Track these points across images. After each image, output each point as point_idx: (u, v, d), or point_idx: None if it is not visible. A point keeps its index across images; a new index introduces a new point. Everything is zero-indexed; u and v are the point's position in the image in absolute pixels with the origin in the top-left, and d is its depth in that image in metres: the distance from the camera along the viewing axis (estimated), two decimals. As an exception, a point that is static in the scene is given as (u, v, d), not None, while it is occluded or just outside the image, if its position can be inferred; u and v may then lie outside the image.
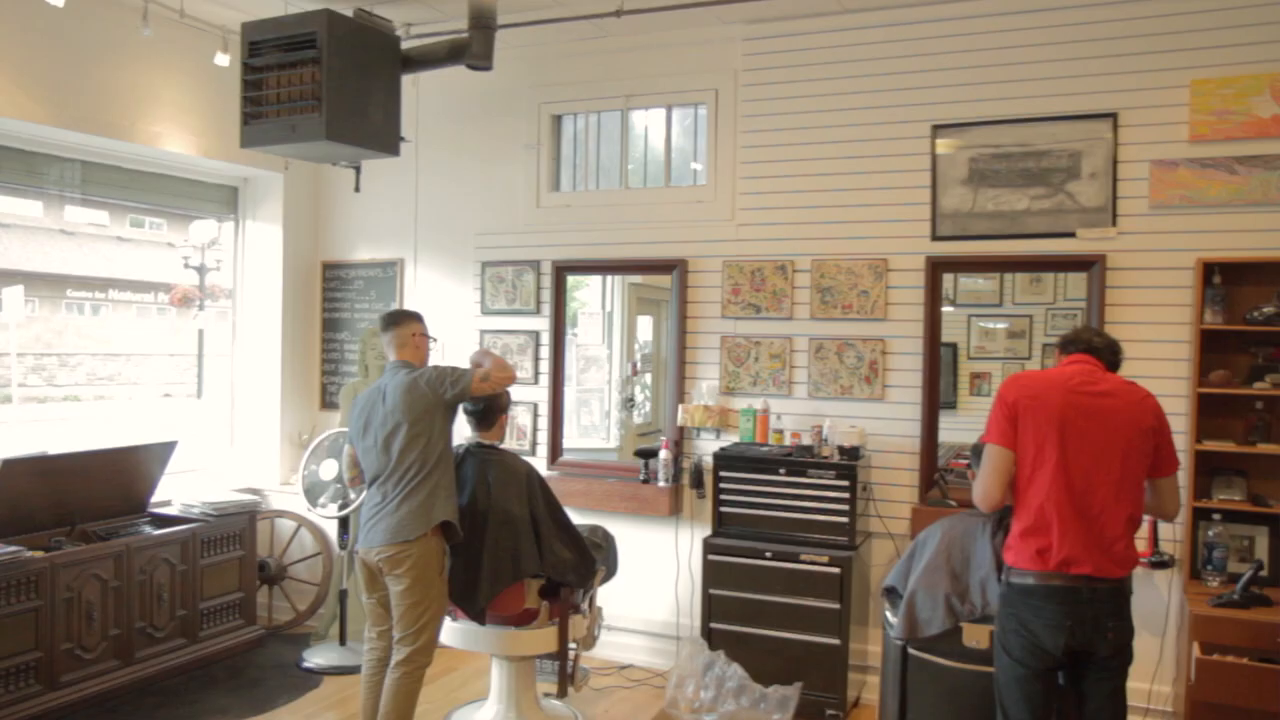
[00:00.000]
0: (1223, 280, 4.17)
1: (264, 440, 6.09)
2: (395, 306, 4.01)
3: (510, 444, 5.44)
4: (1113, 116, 4.41)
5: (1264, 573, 4.11)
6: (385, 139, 4.61)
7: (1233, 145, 4.24)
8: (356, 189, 5.31)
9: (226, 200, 6.05)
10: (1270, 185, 4.19)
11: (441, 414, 3.88)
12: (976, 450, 3.55)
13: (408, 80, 4.89)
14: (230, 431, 6.17)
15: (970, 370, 4.85)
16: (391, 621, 3.91)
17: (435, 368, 3.94)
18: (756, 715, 2.75)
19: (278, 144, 4.42)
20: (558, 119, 5.64)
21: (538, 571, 4.05)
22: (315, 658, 5.24)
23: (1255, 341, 4.19)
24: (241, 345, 6.16)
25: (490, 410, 4.24)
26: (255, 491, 5.91)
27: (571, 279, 5.63)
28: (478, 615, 4.04)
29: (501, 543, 4.00)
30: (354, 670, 5.00)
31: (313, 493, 5.26)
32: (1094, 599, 2.96)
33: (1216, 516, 4.20)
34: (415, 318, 4.12)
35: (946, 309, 4.78)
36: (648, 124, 5.51)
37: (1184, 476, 4.15)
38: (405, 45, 4.74)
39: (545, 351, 5.56)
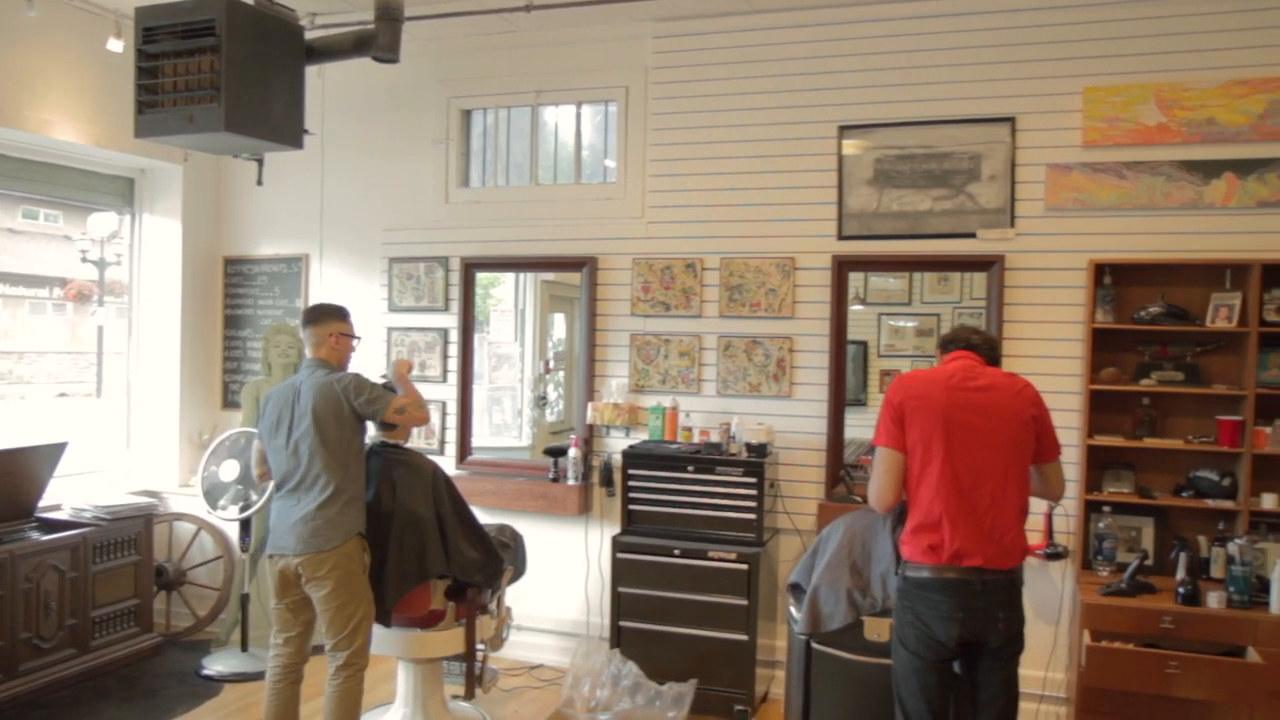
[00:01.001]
0: (1113, 281, 4.32)
1: (162, 441, 5.90)
2: (321, 302, 3.87)
3: (418, 443, 5.37)
4: (1011, 121, 4.53)
5: (1149, 562, 4.26)
6: (288, 131, 4.49)
7: (1122, 151, 4.39)
8: (259, 182, 5.14)
9: (122, 192, 5.84)
10: (1156, 190, 4.35)
11: (353, 423, 3.80)
12: None
13: (312, 72, 4.75)
14: (127, 432, 5.96)
15: (880, 368, 4.93)
16: (300, 628, 3.82)
17: (355, 377, 3.82)
18: (652, 713, 2.76)
19: (174, 134, 4.26)
20: (467, 114, 5.57)
21: (444, 572, 4.00)
22: (216, 665, 5.09)
23: (1142, 340, 4.34)
24: (139, 343, 5.95)
25: (396, 410, 4.17)
26: (153, 494, 5.73)
27: (485, 276, 5.57)
28: (383, 617, 3.97)
29: (407, 543, 3.94)
30: (256, 677, 4.88)
31: (213, 495, 5.12)
32: (985, 590, 3.03)
33: (1106, 509, 4.34)
34: (338, 316, 3.97)
35: (856, 307, 4.85)
36: (558, 120, 5.48)
37: (1076, 470, 4.30)
38: (309, 35, 4.61)
39: (454, 349, 5.49)
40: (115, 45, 4.84)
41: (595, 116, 5.39)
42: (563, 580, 5.25)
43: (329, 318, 3.94)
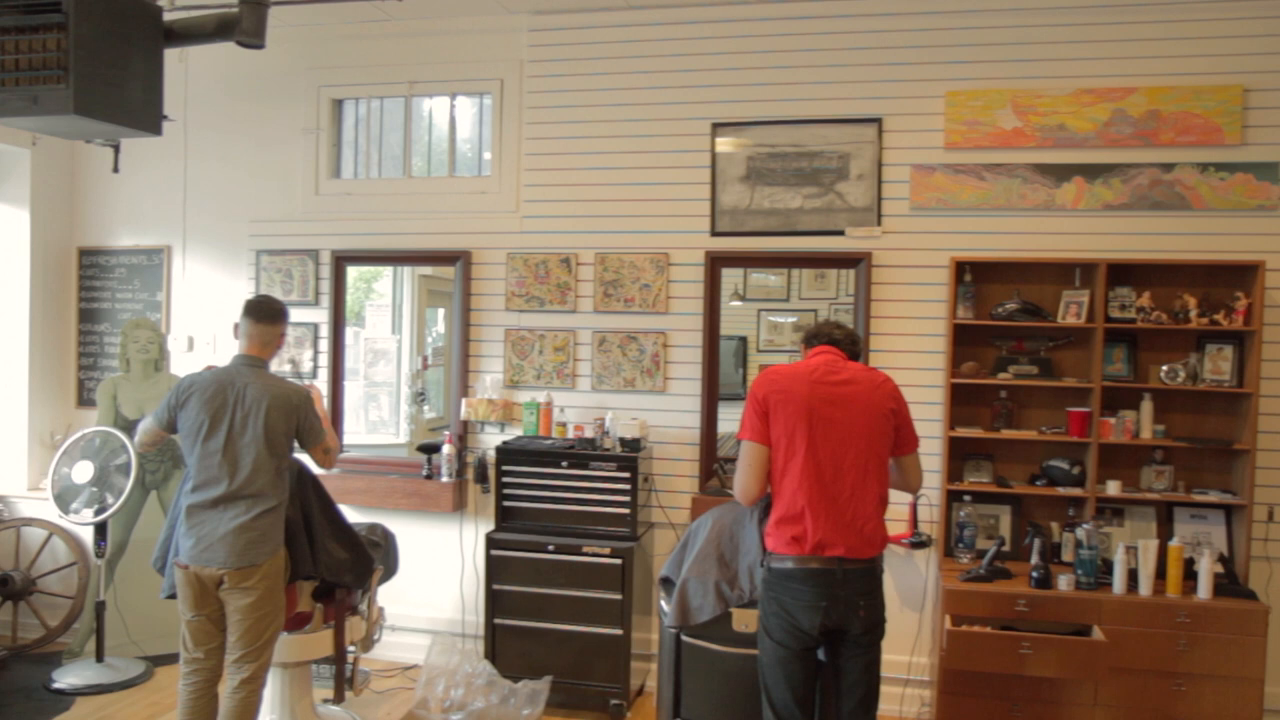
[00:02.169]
0: (973, 278, 4.48)
1: (10, 441, 5.59)
2: (265, 296, 3.74)
3: (286, 441, 5.22)
4: (878, 122, 4.66)
5: (1006, 548, 4.45)
6: (145, 117, 4.28)
7: (981, 153, 4.57)
8: (115, 169, 4.90)
9: (-36, 178, 5.51)
10: (1013, 191, 4.54)
11: (291, 443, 3.68)
12: None
13: (173, 55, 4.59)
14: (-30, 432, 5.64)
15: (760, 363, 5.00)
16: (221, 638, 3.62)
17: (309, 396, 3.72)
18: (507, 711, 2.74)
19: (18, 116, 4.02)
20: (338, 103, 5.44)
21: (311, 573, 3.90)
22: (68, 677, 4.84)
23: (1000, 335, 4.52)
24: (-17, 337, 5.63)
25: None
26: (-2, 497, 5.43)
27: (368, 270, 5.45)
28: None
29: (273, 545, 3.82)
30: (113, 688, 4.70)
31: (65, 498, 4.87)
32: (847, 579, 3.11)
33: (967, 498, 4.51)
34: (287, 316, 3.83)
35: (735, 304, 4.92)
36: (433, 111, 5.39)
37: (938, 461, 4.45)
38: (169, 17, 4.42)
39: (324, 344, 5.35)
40: (-46, 21, 4.54)
41: (472, 108, 5.33)
42: (437, 579, 5.18)
43: (283, 318, 3.79)
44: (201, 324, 5.56)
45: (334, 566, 3.96)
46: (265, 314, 3.73)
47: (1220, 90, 4.39)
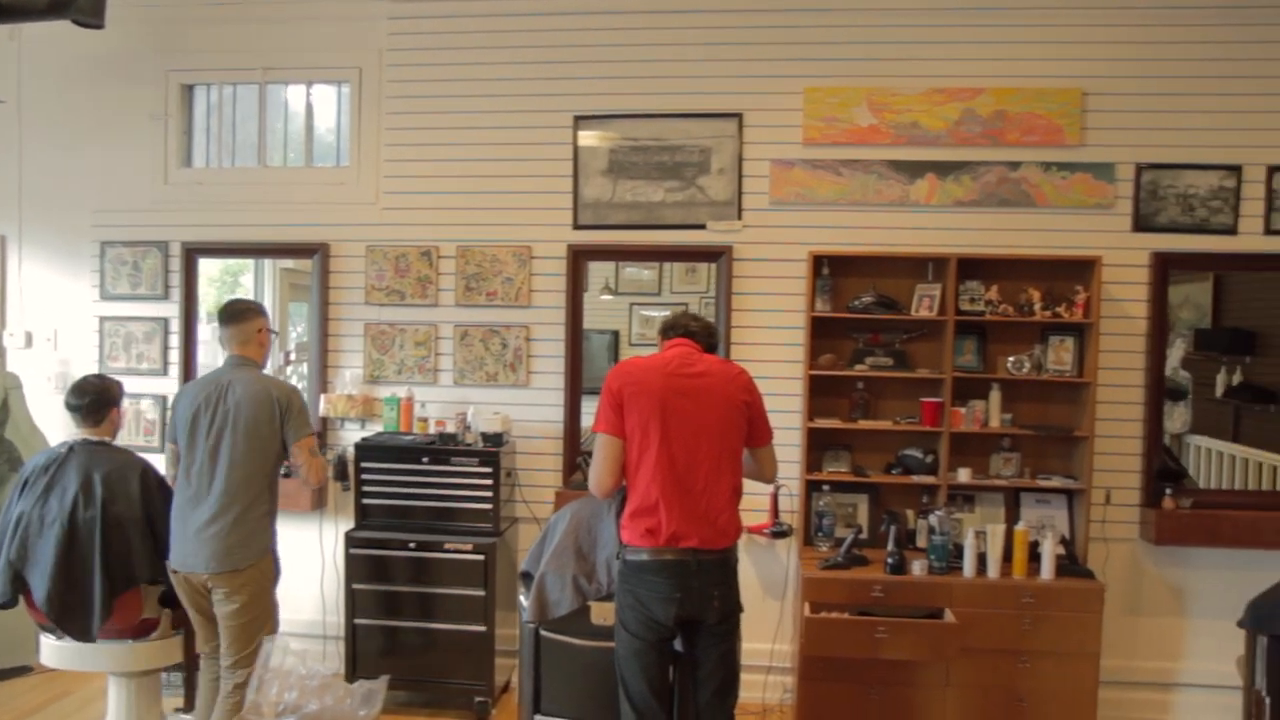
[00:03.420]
0: (831, 271, 4.57)
1: None
2: (235, 298, 3.98)
3: (134, 440, 5.01)
4: (739, 117, 4.71)
5: (864, 536, 4.55)
6: (-32, 98, 4.07)
7: (838, 149, 4.66)
8: (-61, 154, 4.65)
9: None
10: (868, 187, 4.65)
11: (278, 433, 3.65)
12: None
13: (3, 33, 4.35)
14: None
15: (632, 356, 5.00)
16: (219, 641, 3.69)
17: (294, 391, 3.74)
18: (342, 712, 2.69)
19: None
20: (189, 89, 5.22)
21: (155, 576, 3.74)
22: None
23: (857, 328, 4.63)
24: None
25: (101, 403, 3.86)
26: None
27: (229, 264, 5.28)
28: (85, 631, 3.67)
29: (112, 547, 3.66)
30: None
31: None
32: (701, 570, 3.13)
33: (826, 488, 4.60)
34: (259, 312, 3.82)
35: (606, 297, 4.93)
36: (289, 99, 5.22)
37: (798, 452, 4.53)
38: (-5, -8, 4.20)
39: (175, 340, 5.14)
40: None
41: (332, 97, 5.18)
42: (296, 579, 5.00)
43: (253, 314, 3.79)
44: (41, 319, 5.27)
45: (183, 569, 3.81)
46: (229, 317, 3.77)
47: (1061, 93, 4.58)
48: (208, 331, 5.38)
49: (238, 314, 3.78)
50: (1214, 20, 4.53)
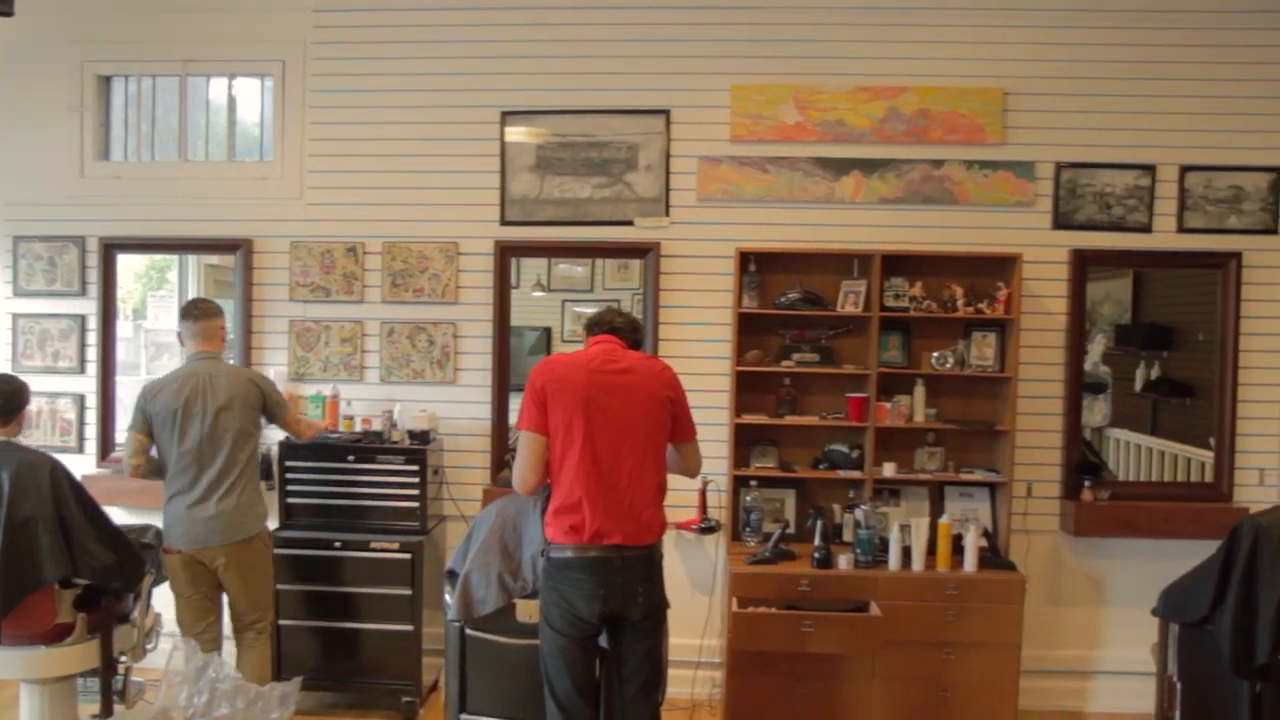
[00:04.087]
0: (758, 268, 4.60)
1: None
2: (198, 297, 4.34)
3: (48, 440, 4.89)
4: (666, 113, 4.72)
5: (791, 530, 4.59)
6: None
7: (765, 147, 4.69)
8: None
9: None
10: (794, 184, 4.68)
11: (260, 418, 4.07)
12: None
13: (-97, 21, 4.20)
14: None
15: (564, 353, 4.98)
16: (216, 610, 4.05)
17: (265, 375, 4.21)
18: (254, 715, 2.65)
19: None
20: (106, 80, 5.09)
21: (67, 577, 3.64)
22: None
23: (783, 324, 4.66)
24: None
25: (13, 405, 3.76)
26: None
27: (156, 260, 5.19)
28: (-13, 638, 3.58)
29: (19, 548, 3.55)
30: None
31: None
32: (625, 567, 3.12)
33: (753, 483, 4.63)
34: (221, 310, 4.14)
35: (538, 294, 4.92)
36: (211, 92, 5.12)
37: (725, 448, 4.55)
38: (-108, -23, 4.06)
39: (93, 337, 5.01)
40: None
41: (256, 91, 5.08)
42: (220, 582, 4.94)
43: (218, 313, 4.10)
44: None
45: (100, 571, 3.70)
46: (200, 314, 4.05)
47: (983, 92, 4.66)
48: (129, 329, 5.27)
49: (208, 312, 4.06)
50: (1129, 24, 4.64)
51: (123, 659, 3.99)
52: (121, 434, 5.08)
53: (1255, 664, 3.28)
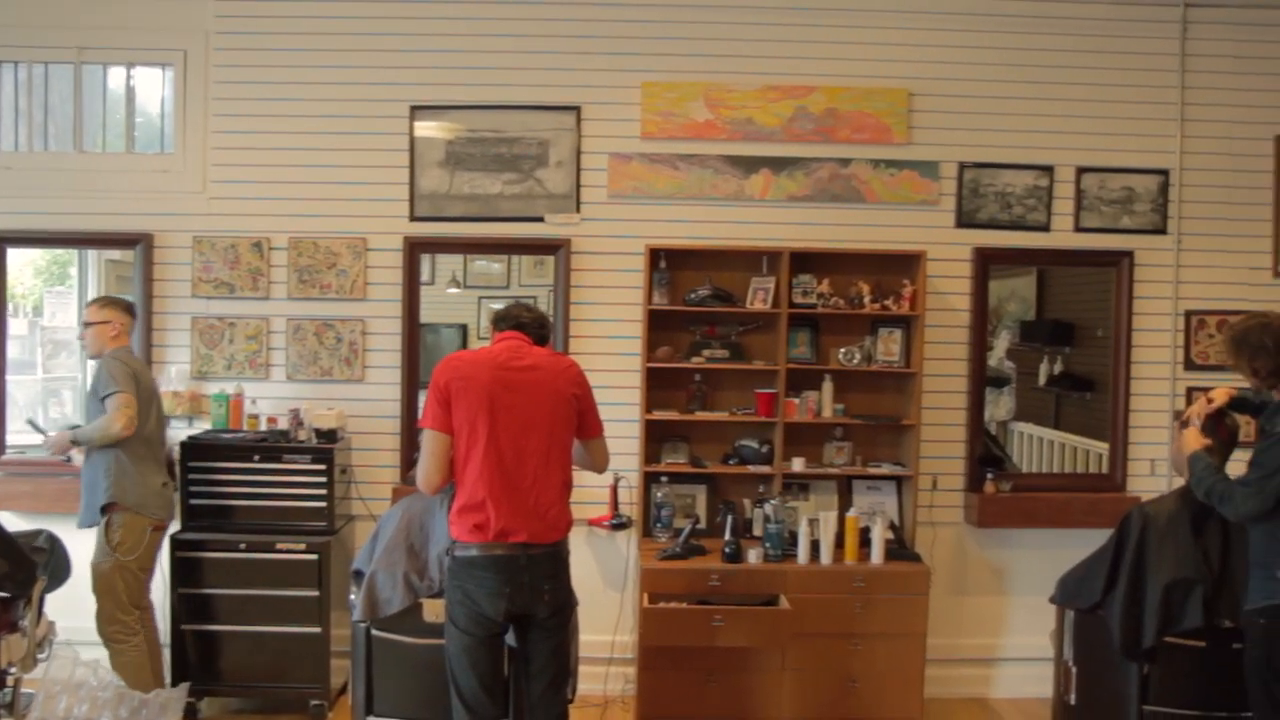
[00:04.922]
0: (668, 265, 4.63)
1: None
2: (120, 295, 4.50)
3: (-65, 443, 4.70)
4: (577, 110, 4.71)
5: (702, 525, 4.63)
6: None
7: (676, 144, 4.72)
8: None
9: None
10: (705, 182, 4.72)
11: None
12: None
13: None
14: None
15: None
16: None
17: (103, 365, 4.18)
18: None
19: None
20: (-6, 66, 4.91)
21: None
22: None
23: (694, 320, 4.69)
24: None
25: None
26: None
27: (58, 255, 5.07)
28: None
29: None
30: None
31: None
32: (530, 565, 3.11)
33: (664, 479, 4.65)
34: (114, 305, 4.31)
35: (453, 290, 4.89)
36: (109, 81, 4.96)
37: (636, 444, 4.56)
38: None
39: (-19, 335, 4.83)
40: None
41: (156, 81, 4.94)
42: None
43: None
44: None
45: (-16, 577, 3.60)
46: (135, 310, 4.37)
47: (889, 93, 4.74)
48: (22, 325, 5.10)
49: (134, 309, 4.36)
50: (1028, 29, 4.77)
51: (12, 670, 3.85)
52: (15, 436, 4.92)
53: (1142, 647, 3.40)
